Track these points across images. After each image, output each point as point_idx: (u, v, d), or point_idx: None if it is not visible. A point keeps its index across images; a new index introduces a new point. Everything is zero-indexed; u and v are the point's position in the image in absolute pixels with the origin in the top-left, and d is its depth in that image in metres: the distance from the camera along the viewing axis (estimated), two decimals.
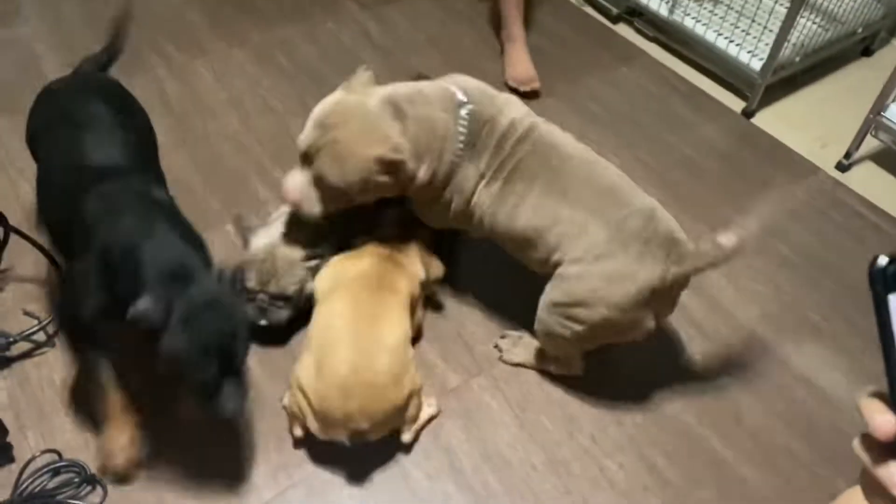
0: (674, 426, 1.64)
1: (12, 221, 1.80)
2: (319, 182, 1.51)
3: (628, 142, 2.35)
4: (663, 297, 1.49)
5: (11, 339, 1.61)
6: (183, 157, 2.13)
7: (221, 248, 1.88)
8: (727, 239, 1.40)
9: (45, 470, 1.43)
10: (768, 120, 2.50)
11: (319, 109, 1.51)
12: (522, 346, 1.70)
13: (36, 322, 1.65)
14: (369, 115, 1.48)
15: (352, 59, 2.02)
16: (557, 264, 1.51)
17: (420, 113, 1.51)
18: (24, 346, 1.64)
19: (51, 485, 1.42)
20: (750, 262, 1.99)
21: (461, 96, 1.56)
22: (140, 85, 2.35)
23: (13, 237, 1.79)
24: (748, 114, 2.51)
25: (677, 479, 1.55)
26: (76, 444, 1.51)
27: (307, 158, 1.52)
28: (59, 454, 1.46)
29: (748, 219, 1.63)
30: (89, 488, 1.44)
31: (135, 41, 2.51)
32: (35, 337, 1.65)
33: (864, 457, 0.50)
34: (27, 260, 1.80)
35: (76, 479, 1.43)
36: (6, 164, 2.06)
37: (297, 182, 1.54)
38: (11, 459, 1.47)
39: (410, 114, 1.51)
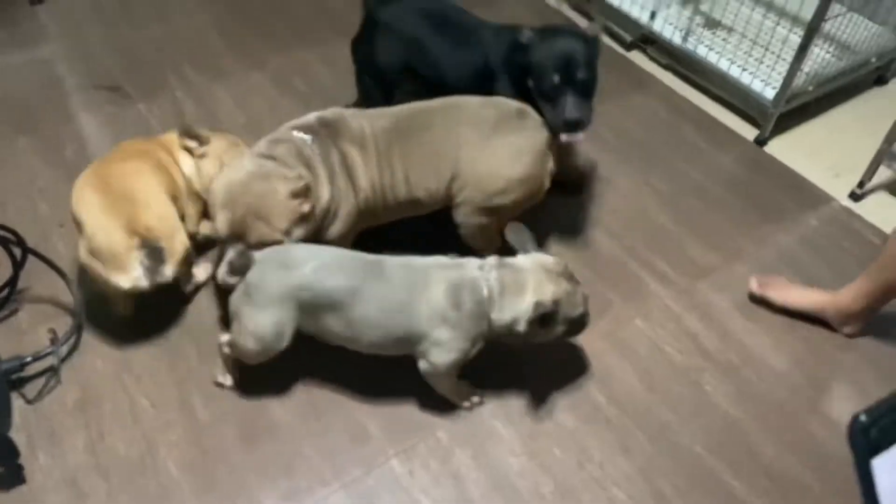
0: (684, 457, 1.63)
1: (30, 242, 1.83)
2: (260, 247, 1.57)
3: (640, 168, 2.35)
4: (551, 153, 1.79)
5: (25, 361, 1.62)
6: None
7: None
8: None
9: None
10: (781, 148, 2.50)
11: (215, 194, 1.61)
12: None
13: (49, 343, 1.67)
14: (257, 170, 1.60)
15: None
16: (453, 182, 1.74)
17: (283, 150, 1.65)
18: (37, 367, 1.66)
19: None
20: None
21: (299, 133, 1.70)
22: (159, 105, 2.40)
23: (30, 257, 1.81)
24: (761, 142, 2.51)
25: None
26: (88, 464, 1.52)
27: (235, 238, 1.59)
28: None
29: None
30: None
31: (155, 61, 2.57)
32: (49, 358, 1.67)
33: None
34: (43, 280, 1.82)
35: None
36: (26, 184, 2.09)
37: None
38: (23, 480, 1.49)
39: (279, 153, 1.64)
